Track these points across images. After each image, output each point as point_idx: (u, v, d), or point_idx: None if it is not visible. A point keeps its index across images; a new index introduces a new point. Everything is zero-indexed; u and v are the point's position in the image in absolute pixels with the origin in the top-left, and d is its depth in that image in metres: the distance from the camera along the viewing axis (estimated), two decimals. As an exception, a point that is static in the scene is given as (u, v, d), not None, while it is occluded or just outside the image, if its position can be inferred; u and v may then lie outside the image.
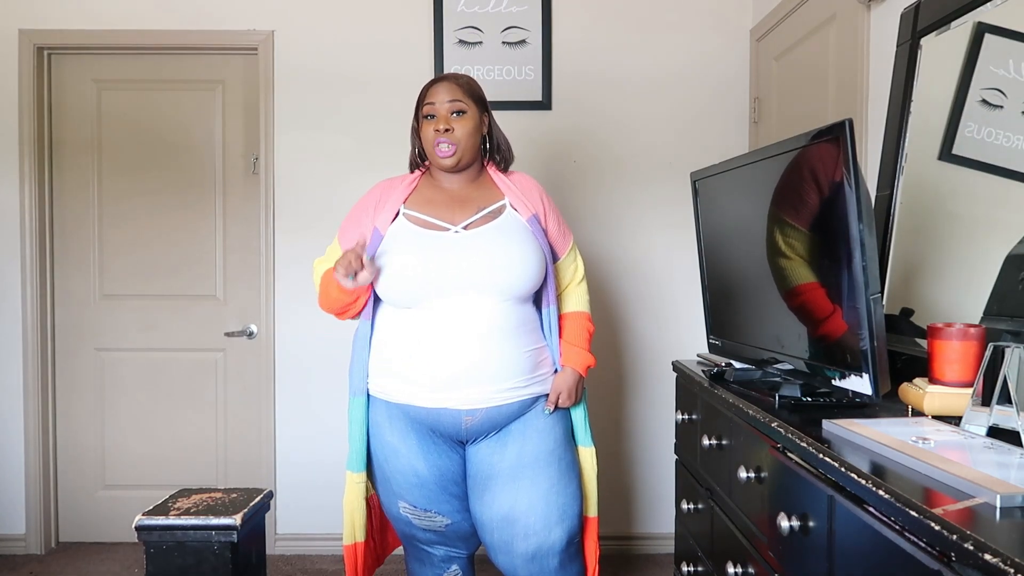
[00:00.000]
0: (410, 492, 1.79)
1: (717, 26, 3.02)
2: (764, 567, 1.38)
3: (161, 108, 3.08)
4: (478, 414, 1.74)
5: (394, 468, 1.79)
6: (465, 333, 1.71)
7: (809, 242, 1.43)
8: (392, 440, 1.79)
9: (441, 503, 1.81)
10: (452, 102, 1.78)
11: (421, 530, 1.84)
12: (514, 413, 1.78)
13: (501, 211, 1.82)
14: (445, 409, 1.73)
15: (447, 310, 1.71)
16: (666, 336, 3.07)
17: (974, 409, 1.17)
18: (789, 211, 1.50)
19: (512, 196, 1.85)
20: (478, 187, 1.86)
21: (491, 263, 1.72)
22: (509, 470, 1.77)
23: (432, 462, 1.78)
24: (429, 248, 1.73)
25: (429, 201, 1.82)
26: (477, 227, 1.78)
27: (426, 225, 1.78)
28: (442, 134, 1.76)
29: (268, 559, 2.90)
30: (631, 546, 3.09)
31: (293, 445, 3.07)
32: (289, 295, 3.04)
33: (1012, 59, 1.52)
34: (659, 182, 3.03)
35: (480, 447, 1.80)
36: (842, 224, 1.27)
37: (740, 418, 1.53)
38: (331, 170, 3.03)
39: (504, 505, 1.77)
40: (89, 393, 3.14)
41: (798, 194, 1.46)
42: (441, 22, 2.97)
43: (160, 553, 2.03)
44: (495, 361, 1.72)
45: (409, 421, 1.78)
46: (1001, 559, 0.71)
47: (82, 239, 3.12)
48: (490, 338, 1.72)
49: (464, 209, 1.80)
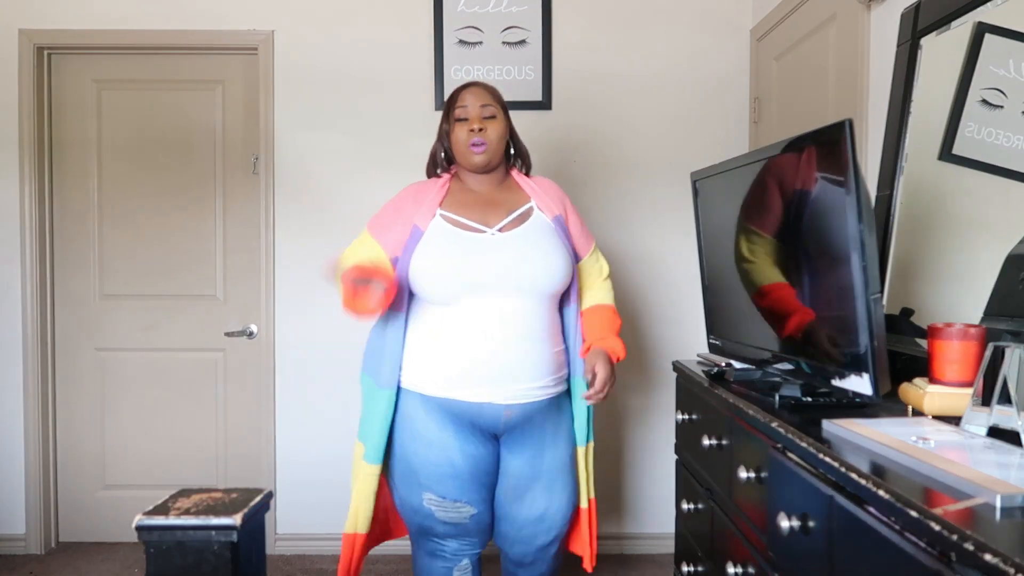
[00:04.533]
0: (441, 483, 1.84)
1: (717, 26, 3.02)
2: (764, 567, 1.38)
3: (161, 108, 3.08)
4: (516, 409, 1.83)
5: (425, 459, 1.84)
6: (505, 332, 1.80)
7: (807, 243, 1.43)
8: (427, 432, 1.83)
9: (472, 493, 1.86)
10: (484, 107, 1.89)
11: (442, 523, 1.87)
12: (544, 409, 1.89)
13: (530, 213, 1.92)
14: (488, 403, 1.81)
15: (487, 309, 1.80)
16: (666, 336, 3.07)
17: (974, 409, 1.17)
18: (787, 211, 1.50)
19: (538, 198, 1.95)
20: (505, 190, 1.96)
21: (526, 264, 1.82)
22: (548, 474, 1.92)
23: (468, 453, 1.84)
24: (469, 249, 1.82)
25: (462, 204, 1.90)
26: (510, 229, 1.87)
27: (463, 227, 1.86)
28: (476, 134, 1.87)
29: (268, 559, 2.90)
30: (631, 546, 3.09)
31: (293, 445, 3.07)
32: (289, 295, 3.04)
33: (1012, 59, 1.52)
34: (659, 182, 3.03)
35: (518, 448, 1.89)
36: (842, 224, 1.27)
37: (740, 418, 1.53)
38: (331, 170, 3.03)
39: (541, 507, 1.92)
40: (89, 393, 3.14)
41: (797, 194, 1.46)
42: (441, 22, 2.97)
43: (160, 553, 2.03)
44: (533, 359, 1.82)
45: (446, 413, 1.83)
46: (1001, 559, 0.71)
47: (82, 239, 3.12)
48: (527, 337, 1.82)
49: (496, 212, 1.90)
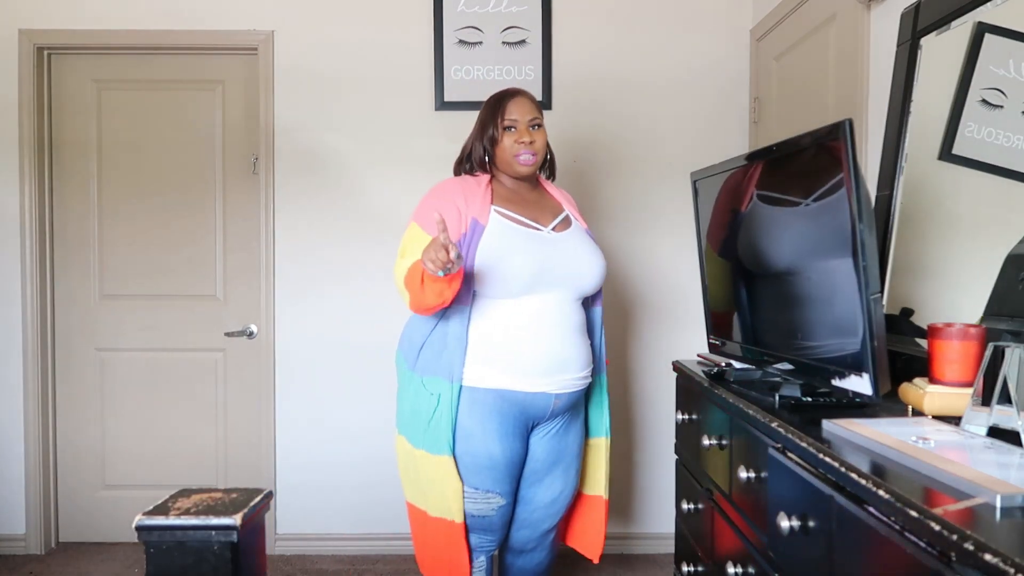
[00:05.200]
0: (476, 474, 1.89)
1: (717, 26, 3.02)
2: (764, 567, 1.38)
3: (161, 108, 3.08)
4: (563, 397, 1.94)
5: (464, 450, 1.88)
6: (559, 326, 1.89)
7: (807, 243, 1.43)
8: (470, 424, 1.88)
9: (504, 484, 1.92)
10: (532, 118, 1.97)
11: (470, 516, 1.91)
12: (579, 398, 2.01)
13: (569, 220, 2.02)
14: (542, 393, 1.89)
15: (542, 304, 1.87)
16: (666, 336, 3.07)
17: (974, 409, 1.17)
18: (787, 211, 1.50)
19: (569, 207, 2.06)
20: (541, 195, 2.05)
21: (582, 264, 1.93)
22: (567, 458, 2.02)
23: (508, 445, 1.90)
24: (536, 246, 1.88)
25: (510, 202, 1.97)
26: (561, 231, 1.97)
27: (521, 223, 1.91)
28: (527, 146, 1.94)
29: (268, 559, 2.90)
30: (631, 546, 3.09)
31: (293, 445, 3.07)
32: (289, 295, 3.04)
33: (1012, 59, 1.52)
34: (659, 182, 3.03)
35: (548, 433, 1.98)
36: (842, 224, 1.27)
37: (740, 418, 1.53)
38: (331, 170, 3.03)
39: (557, 489, 2.02)
40: (89, 393, 3.14)
41: (797, 194, 1.46)
42: (441, 22, 2.97)
43: (160, 553, 2.03)
44: (578, 351, 1.93)
45: (493, 405, 1.88)
46: (1001, 559, 0.71)
47: (82, 239, 3.12)
48: (573, 331, 1.92)
49: (543, 213, 1.98)
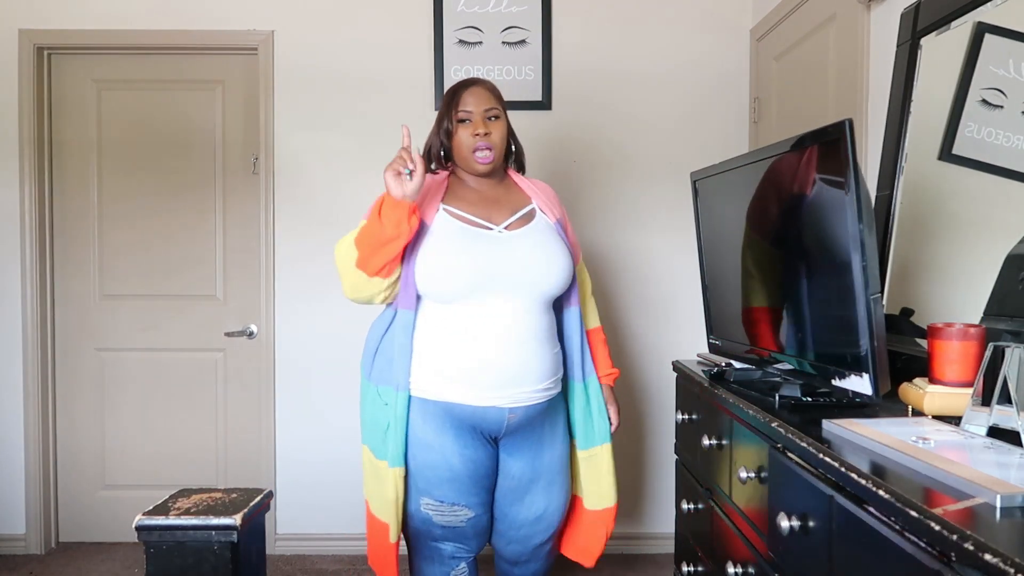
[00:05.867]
0: (439, 487, 1.77)
1: (717, 26, 3.02)
2: (764, 567, 1.38)
3: (161, 108, 3.08)
4: (519, 412, 1.78)
5: (424, 463, 1.77)
6: (510, 334, 1.74)
7: (807, 242, 1.43)
8: (426, 436, 1.77)
9: (470, 496, 1.80)
10: (488, 109, 1.82)
11: (439, 527, 1.82)
12: (543, 411, 1.84)
13: (533, 214, 1.86)
14: (492, 407, 1.76)
15: (491, 310, 1.73)
16: (666, 336, 3.07)
17: (974, 409, 1.17)
18: (788, 211, 1.50)
19: (539, 200, 1.89)
20: (505, 189, 1.90)
21: (534, 265, 1.76)
22: (547, 474, 1.89)
23: (468, 456, 1.78)
24: (478, 246, 1.74)
25: (465, 200, 1.83)
26: (517, 228, 1.81)
27: (469, 223, 1.78)
28: (482, 138, 1.79)
29: (268, 559, 2.90)
30: (631, 546, 3.09)
31: (293, 445, 3.07)
32: (289, 295, 3.04)
33: (1012, 59, 1.52)
34: (659, 182, 3.03)
35: (517, 450, 1.84)
36: (842, 224, 1.27)
37: (740, 418, 1.53)
38: (331, 170, 3.03)
39: (540, 506, 1.90)
40: (89, 393, 3.14)
41: (797, 194, 1.46)
42: (441, 22, 2.97)
43: (160, 553, 2.03)
44: (536, 362, 1.77)
45: (447, 417, 1.77)
46: (1001, 559, 0.71)
47: (82, 239, 3.12)
48: (531, 340, 1.76)
49: (500, 210, 1.83)
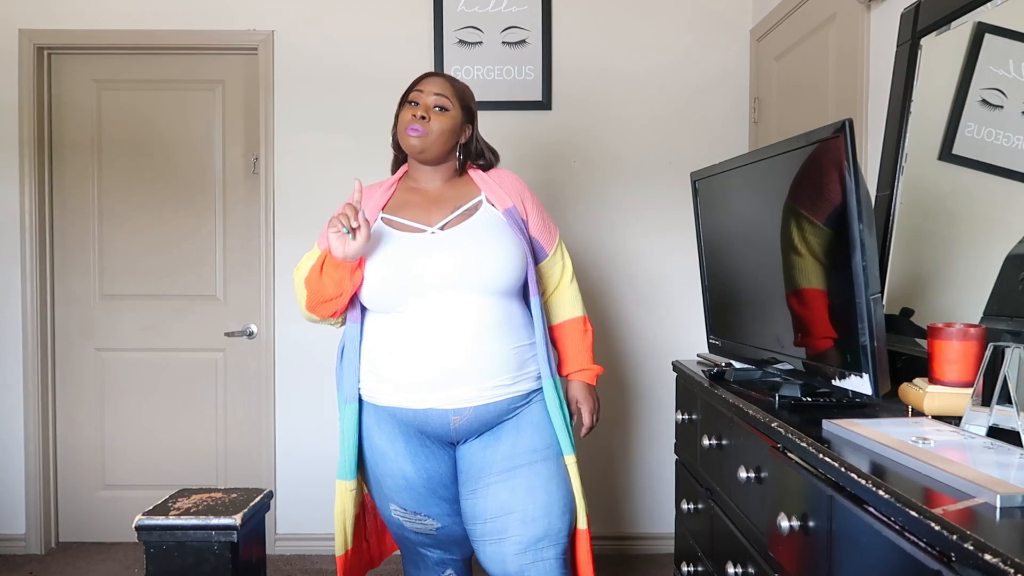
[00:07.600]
0: (400, 495, 1.76)
1: (717, 26, 3.02)
2: (764, 567, 1.38)
3: (161, 108, 3.08)
4: (466, 413, 1.69)
5: (383, 471, 1.76)
6: (447, 332, 1.67)
7: (807, 243, 1.43)
8: (380, 443, 1.75)
9: (430, 506, 1.78)
10: (438, 96, 1.78)
11: (413, 533, 1.82)
12: (504, 411, 1.73)
13: (477, 207, 1.79)
14: (432, 410, 1.69)
15: (427, 310, 1.68)
16: (666, 336, 3.07)
17: (974, 409, 1.17)
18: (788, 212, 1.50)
19: (489, 190, 1.82)
20: (455, 187, 1.84)
21: (466, 260, 1.69)
22: (504, 463, 1.71)
23: (420, 465, 1.74)
24: (404, 251, 1.71)
25: (406, 204, 1.80)
26: (454, 226, 1.75)
27: (403, 228, 1.75)
28: (417, 120, 1.75)
29: (268, 559, 2.90)
30: (631, 546, 3.09)
31: (293, 445, 3.07)
32: (289, 295, 3.04)
33: (1012, 59, 1.52)
34: (659, 182, 3.03)
35: (471, 445, 1.76)
36: (842, 224, 1.27)
37: (740, 418, 1.53)
38: (331, 170, 3.02)
39: (501, 496, 1.70)
40: (89, 393, 3.14)
41: (797, 194, 1.46)
42: (441, 22, 2.97)
43: (160, 553, 2.03)
44: (480, 359, 1.68)
45: (397, 423, 1.74)
46: (1001, 559, 0.71)
47: (82, 239, 3.11)
48: (474, 336, 1.68)
49: (440, 209, 1.78)
